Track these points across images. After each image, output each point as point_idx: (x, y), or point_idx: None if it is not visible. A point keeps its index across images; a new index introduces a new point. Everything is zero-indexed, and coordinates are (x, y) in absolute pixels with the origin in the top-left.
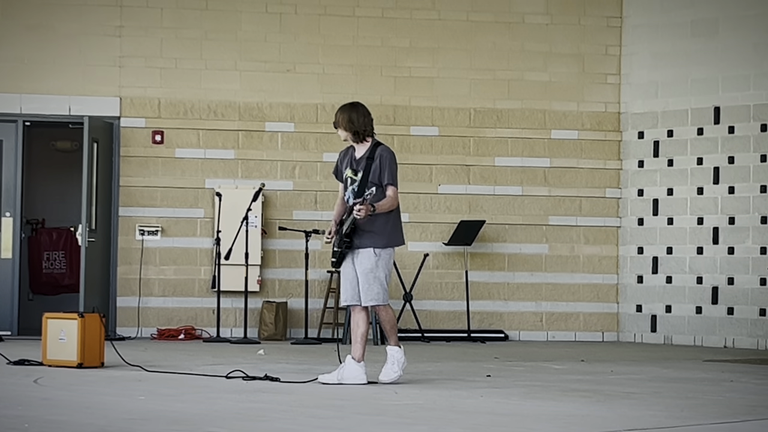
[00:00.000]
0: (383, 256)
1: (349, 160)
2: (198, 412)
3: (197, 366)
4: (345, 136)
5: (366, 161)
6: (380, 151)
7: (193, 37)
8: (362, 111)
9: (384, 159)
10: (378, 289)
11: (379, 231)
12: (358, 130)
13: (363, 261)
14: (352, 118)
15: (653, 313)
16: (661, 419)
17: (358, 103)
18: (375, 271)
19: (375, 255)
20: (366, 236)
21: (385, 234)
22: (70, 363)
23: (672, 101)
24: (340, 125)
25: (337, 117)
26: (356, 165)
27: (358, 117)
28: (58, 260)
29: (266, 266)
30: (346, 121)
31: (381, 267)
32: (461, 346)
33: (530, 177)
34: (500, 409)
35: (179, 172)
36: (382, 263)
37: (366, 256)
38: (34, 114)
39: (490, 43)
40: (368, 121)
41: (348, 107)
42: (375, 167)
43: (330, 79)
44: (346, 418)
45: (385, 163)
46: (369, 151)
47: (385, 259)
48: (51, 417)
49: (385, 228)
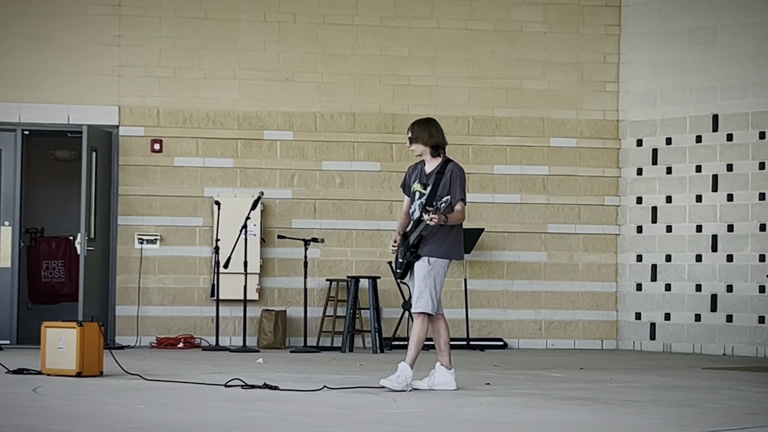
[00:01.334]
0: (436, 266)
1: (418, 174)
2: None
3: (196, 375)
4: (421, 151)
5: (436, 176)
6: (451, 167)
7: (192, 46)
8: (439, 126)
9: (455, 175)
10: (427, 298)
11: (438, 242)
12: (439, 143)
13: (418, 269)
14: (432, 133)
15: (652, 321)
16: (660, 427)
17: (433, 119)
18: (426, 279)
19: (429, 264)
20: (425, 246)
21: (443, 245)
22: (69, 372)
23: (670, 109)
24: (419, 140)
25: (414, 132)
26: (426, 179)
27: (438, 131)
28: (57, 269)
29: (265, 275)
30: (427, 136)
31: (433, 276)
32: (460, 354)
33: (529, 185)
34: (499, 418)
35: (178, 180)
36: (434, 272)
37: (421, 265)
38: (32, 123)
39: (488, 51)
40: (444, 135)
41: (425, 122)
42: (445, 182)
43: (329, 88)
44: (345, 426)
45: (455, 180)
46: (440, 167)
47: (438, 269)
48: (50, 426)
49: (445, 240)
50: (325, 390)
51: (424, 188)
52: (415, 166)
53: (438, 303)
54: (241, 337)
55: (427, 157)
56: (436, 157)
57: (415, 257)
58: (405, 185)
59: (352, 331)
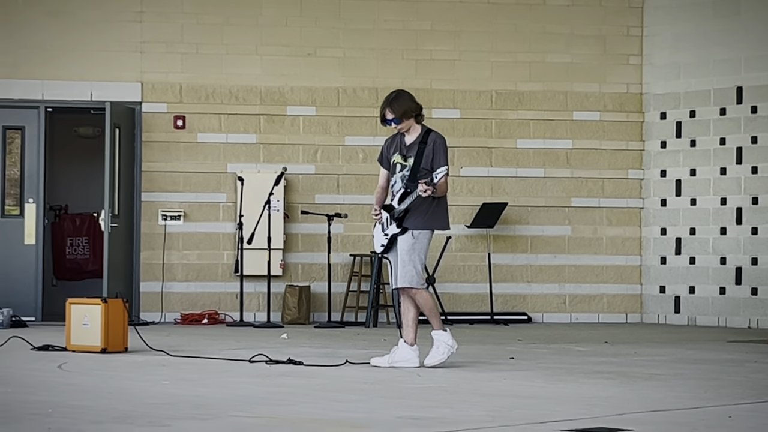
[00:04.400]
0: (420, 238)
1: (397, 145)
2: (221, 397)
3: (220, 350)
4: (408, 125)
5: (419, 146)
6: (434, 137)
7: (214, 22)
8: (407, 94)
9: (438, 145)
10: (412, 272)
11: (421, 214)
12: (416, 111)
13: (402, 242)
14: (413, 103)
15: (677, 294)
16: (684, 401)
17: (402, 90)
18: (411, 253)
19: (413, 237)
20: (408, 219)
21: (425, 217)
22: (93, 348)
23: (694, 81)
24: (405, 116)
25: (398, 110)
26: (407, 151)
27: (408, 100)
28: (81, 246)
29: (289, 250)
30: (410, 108)
31: (416, 249)
32: (484, 329)
33: (552, 159)
34: (523, 392)
35: (201, 156)
36: (418, 245)
37: (405, 238)
38: (56, 100)
39: (511, 25)
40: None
41: (400, 96)
42: (428, 153)
43: (351, 63)
44: (370, 401)
45: (439, 150)
46: (422, 137)
47: (421, 241)
48: (74, 402)
49: (427, 211)
50: (349, 365)
51: (405, 160)
52: (393, 138)
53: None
54: (265, 312)
55: (410, 129)
56: (417, 125)
57: (401, 231)
58: (383, 158)
59: (376, 306)
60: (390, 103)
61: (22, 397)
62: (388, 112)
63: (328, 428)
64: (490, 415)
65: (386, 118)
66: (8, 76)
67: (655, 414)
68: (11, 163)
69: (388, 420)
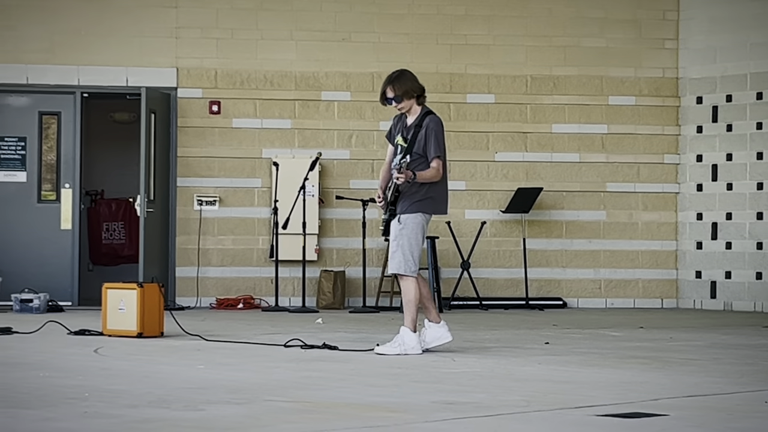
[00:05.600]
0: (408, 223)
1: (401, 126)
2: (257, 381)
3: (256, 335)
4: (408, 105)
5: (414, 129)
6: (428, 121)
7: (249, 7)
8: (410, 74)
9: (430, 129)
10: (399, 257)
11: (410, 198)
12: (418, 92)
13: (392, 228)
14: (415, 83)
15: (713, 280)
16: (720, 386)
17: (404, 69)
18: (399, 239)
19: (400, 223)
20: (399, 204)
21: (414, 201)
22: (129, 333)
23: (730, 66)
24: (406, 96)
25: (399, 89)
26: (406, 132)
27: (411, 80)
28: (117, 231)
29: (324, 235)
30: (413, 87)
31: (404, 235)
32: (519, 314)
33: (588, 143)
34: (558, 377)
35: (236, 142)
36: (406, 231)
37: (394, 224)
38: (91, 86)
39: (545, 9)
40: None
41: (402, 75)
42: (421, 137)
43: (385, 48)
44: (404, 386)
45: (431, 134)
46: (419, 119)
47: (411, 227)
48: (111, 386)
49: (416, 196)
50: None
51: (405, 141)
52: (399, 117)
53: (416, 262)
54: (300, 297)
55: (411, 109)
56: (418, 106)
57: (392, 214)
58: (390, 135)
59: None
60: (392, 82)
61: (59, 381)
62: (389, 90)
63: (362, 413)
64: (525, 400)
65: (387, 97)
66: (44, 62)
67: (691, 399)
68: (48, 148)
69: (422, 404)
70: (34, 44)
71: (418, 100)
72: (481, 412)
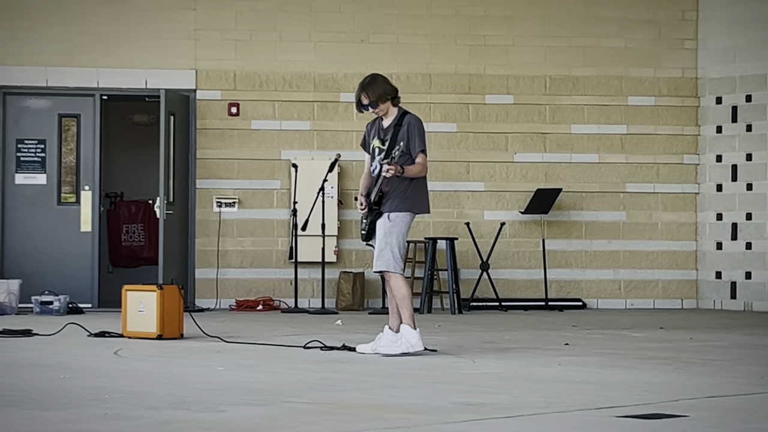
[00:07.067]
0: (397, 222)
1: (376, 130)
2: (276, 383)
3: (275, 337)
4: (385, 108)
5: (394, 128)
6: (409, 119)
7: (267, 9)
8: (381, 78)
9: (413, 126)
10: (388, 255)
11: (398, 197)
12: (396, 92)
13: (379, 227)
14: (388, 86)
15: (733, 280)
16: (741, 386)
17: (376, 74)
18: (388, 237)
19: (389, 221)
20: (386, 202)
21: (402, 200)
22: (149, 335)
23: (750, 66)
24: (382, 99)
25: (373, 94)
26: (384, 134)
27: (383, 84)
28: (136, 233)
29: (343, 236)
30: (386, 90)
31: (394, 233)
32: (539, 315)
33: (607, 144)
34: (578, 378)
35: (255, 143)
36: (395, 229)
37: (382, 222)
38: (111, 88)
39: (564, 10)
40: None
41: (375, 80)
42: (402, 134)
43: (404, 49)
44: (424, 387)
45: (414, 131)
46: (397, 119)
47: (399, 225)
48: (131, 388)
49: (404, 194)
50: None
51: (383, 144)
52: (373, 122)
53: (403, 261)
54: (320, 299)
55: (388, 111)
56: (394, 108)
57: (377, 215)
58: (365, 143)
59: (431, 292)
60: (365, 88)
61: (80, 383)
62: (363, 97)
63: (382, 414)
64: (545, 401)
65: (362, 104)
66: (64, 64)
67: (712, 400)
68: (67, 150)
69: (442, 406)
70: (53, 47)
71: (393, 102)
72: (501, 414)
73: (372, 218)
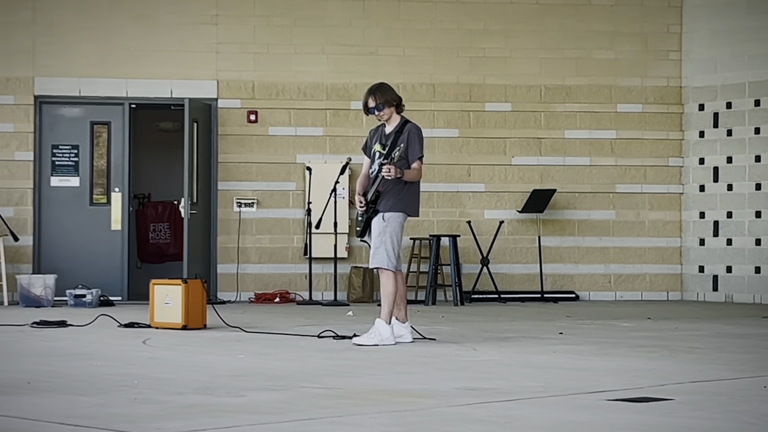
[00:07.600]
0: (392, 221)
1: (379, 136)
2: (293, 369)
3: (291, 327)
4: (390, 114)
5: (395, 135)
6: (410, 127)
7: (283, 24)
8: (388, 85)
9: (413, 134)
10: (383, 253)
11: (393, 198)
12: (398, 101)
13: (375, 225)
14: (393, 93)
15: (715, 274)
16: (722, 373)
17: (381, 82)
18: (382, 235)
19: (384, 220)
20: (381, 202)
21: (397, 201)
22: (175, 325)
23: (730, 75)
24: (387, 104)
25: (380, 98)
26: (385, 140)
27: (390, 90)
28: (163, 231)
29: (354, 234)
30: (391, 97)
31: (388, 232)
32: (535, 306)
33: (598, 148)
34: (572, 365)
35: (272, 148)
36: (389, 229)
37: (377, 221)
38: (139, 97)
39: (558, 24)
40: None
41: (381, 87)
42: (402, 140)
43: (410, 61)
44: (429, 373)
45: (414, 138)
46: (399, 127)
47: (394, 225)
48: (158, 375)
49: (399, 195)
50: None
51: (384, 148)
52: (377, 129)
53: (397, 259)
54: (332, 292)
55: (390, 118)
56: (397, 115)
57: (373, 212)
58: (366, 148)
59: (435, 285)
60: (373, 92)
61: (110, 370)
62: (371, 100)
63: (390, 398)
64: (542, 386)
65: (369, 107)
66: (96, 75)
67: (695, 384)
68: (99, 155)
69: (446, 390)
70: (86, 59)
71: (397, 109)
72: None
73: (368, 216)
